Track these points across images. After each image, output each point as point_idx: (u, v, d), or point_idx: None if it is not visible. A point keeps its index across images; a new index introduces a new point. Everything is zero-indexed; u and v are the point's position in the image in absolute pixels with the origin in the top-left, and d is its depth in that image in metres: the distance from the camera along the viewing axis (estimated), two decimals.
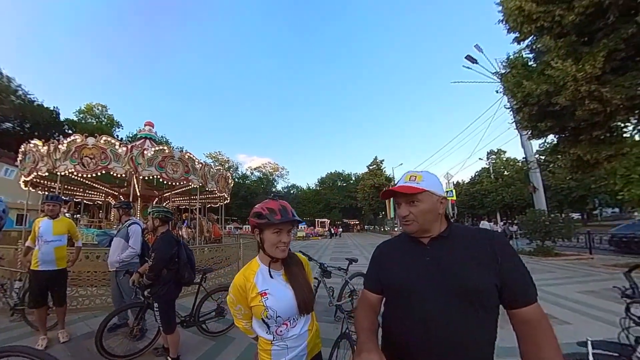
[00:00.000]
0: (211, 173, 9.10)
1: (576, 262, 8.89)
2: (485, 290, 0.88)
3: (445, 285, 0.91)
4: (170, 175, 7.28)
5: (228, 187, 10.99)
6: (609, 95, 6.21)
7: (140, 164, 6.87)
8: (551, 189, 27.35)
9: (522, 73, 8.24)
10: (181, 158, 7.58)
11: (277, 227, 1.18)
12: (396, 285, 1.02)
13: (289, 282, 1.23)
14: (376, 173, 42.05)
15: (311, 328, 1.28)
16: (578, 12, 6.18)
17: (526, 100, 8.03)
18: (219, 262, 6.77)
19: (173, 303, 2.73)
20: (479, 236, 0.98)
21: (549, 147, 9.83)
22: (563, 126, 8.04)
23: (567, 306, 4.42)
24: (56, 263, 3.23)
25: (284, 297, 1.19)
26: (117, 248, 3.48)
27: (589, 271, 7.31)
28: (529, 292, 0.89)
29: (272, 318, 1.16)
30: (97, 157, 6.65)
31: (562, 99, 6.82)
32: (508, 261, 0.91)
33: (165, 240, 2.67)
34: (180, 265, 2.74)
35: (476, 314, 0.88)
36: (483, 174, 39.53)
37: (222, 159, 50.38)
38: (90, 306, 4.44)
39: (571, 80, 6.49)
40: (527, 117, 8.43)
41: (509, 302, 0.90)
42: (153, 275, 2.57)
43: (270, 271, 1.23)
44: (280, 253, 1.21)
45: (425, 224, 0.98)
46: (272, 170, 55.03)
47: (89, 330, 3.58)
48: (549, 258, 9.58)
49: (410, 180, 1.00)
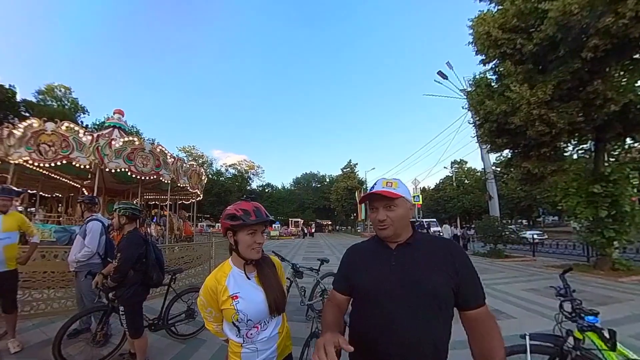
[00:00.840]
0: (184, 168, 8.60)
1: (522, 263, 9.84)
2: (444, 293, 0.96)
3: (408, 289, 0.96)
4: (139, 169, 6.72)
5: (201, 184, 10.48)
6: (555, 119, 6.97)
7: (106, 155, 6.25)
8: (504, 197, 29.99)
9: (485, 92, 8.94)
10: (152, 151, 7.03)
11: (251, 228, 1.16)
12: (363, 288, 1.06)
13: (261, 284, 1.22)
14: (350, 176, 42.89)
15: (281, 330, 1.27)
16: (535, 43, 6.85)
17: (487, 118, 8.71)
18: (190, 261, 6.43)
19: (140, 306, 2.53)
20: (440, 244, 1.06)
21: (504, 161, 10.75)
22: (516, 143, 8.86)
23: (513, 302, 4.88)
24: (5, 264, 2.84)
25: (255, 300, 1.18)
26: (75, 246, 3.18)
27: (532, 271, 8.10)
28: (480, 295, 0.98)
29: (242, 321, 1.15)
30: (57, 145, 5.90)
31: (517, 119, 7.51)
32: (464, 268, 0.99)
33: (132, 239, 2.46)
34: (148, 265, 2.54)
35: (436, 315, 0.95)
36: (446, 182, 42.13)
37: (196, 154, 47.92)
38: (46, 311, 3.93)
39: (525, 104, 7.18)
40: (487, 132, 9.14)
41: (462, 304, 0.98)
42: (119, 277, 2.36)
43: (243, 274, 1.22)
44: (255, 254, 1.19)
45: (399, 229, 1.03)
46: (247, 168, 53.51)
47: (46, 338, 3.18)
48: (500, 260, 10.50)
49: (387, 186, 1.04)
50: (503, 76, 8.18)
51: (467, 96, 10.86)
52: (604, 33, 5.73)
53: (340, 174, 45.48)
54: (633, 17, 5.31)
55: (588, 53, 6.08)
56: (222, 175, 50.12)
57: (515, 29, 7.42)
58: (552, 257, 10.96)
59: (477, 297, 0.98)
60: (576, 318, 1.86)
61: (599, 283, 6.40)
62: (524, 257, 10.89)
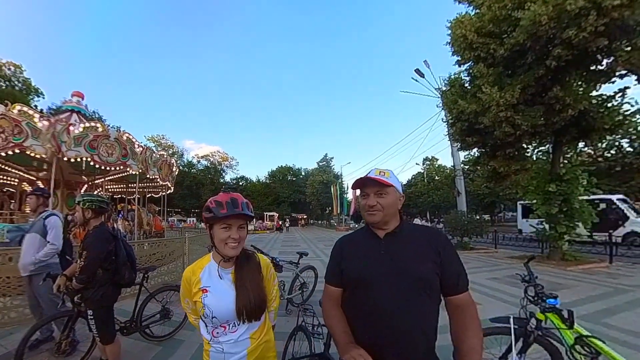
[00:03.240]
0: (153, 159, 8.00)
1: (485, 254, 10.68)
2: (431, 279, 1.00)
3: (397, 276, 1.00)
4: (104, 159, 6.12)
5: (172, 176, 9.85)
6: (520, 122, 7.55)
7: (64, 142, 5.59)
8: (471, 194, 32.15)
9: (459, 92, 9.40)
10: (118, 139, 6.43)
11: (224, 222, 1.09)
12: (354, 277, 1.09)
13: (235, 283, 1.14)
14: (325, 170, 43.24)
15: (257, 337, 1.17)
16: (507, 48, 7.33)
17: (459, 117, 9.18)
18: (162, 258, 6.04)
19: (111, 308, 2.32)
20: (425, 233, 1.12)
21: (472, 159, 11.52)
22: (485, 142, 9.47)
23: (478, 290, 5.29)
24: None
25: (224, 298, 1.11)
26: (31, 246, 2.80)
27: (494, 262, 8.83)
28: (462, 282, 1.05)
29: (208, 317, 1.09)
30: (7, 131, 5.15)
31: (486, 119, 8.02)
32: (447, 255, 1.05)
33: (100, 235, 2.21)
34: (118, 263, 2.31)
35: (424, 301, 1.00)
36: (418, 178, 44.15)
37: (166, 144, 45.11)
38: (3, 321, 3.51)
39: (495, 105, 7.67)
40: (458, 131, 9.66)
41: (446, 290, 1.04)
42: (86, 277, 2.12)
43: (220, 269, 1.15)
44: (230, 251, 1.11)
45: (387, 216, 1.07)
46: (221, 159, 51.56)
47: (5, 351, 2.84)
48: (466, 251, 11.29)
49: (380, 175, 1.09)
50: (476, 77, 8.64)
51: (442, 95, 11.36)
52: (567, 44, 6.28)
53: (316, 167, 45.62)
54: (592, 32, 5.87)
55: (552, 61, 6.63)
56: (194, 167, 47.84)
57: (489, 34, 7.85)
58: (511, 249, 12.04)
59: (459, 283, 1.03)
60: (539, 301, 2.07)
61: (551, 272, 7.11)
62: (487, 249, 11.84)
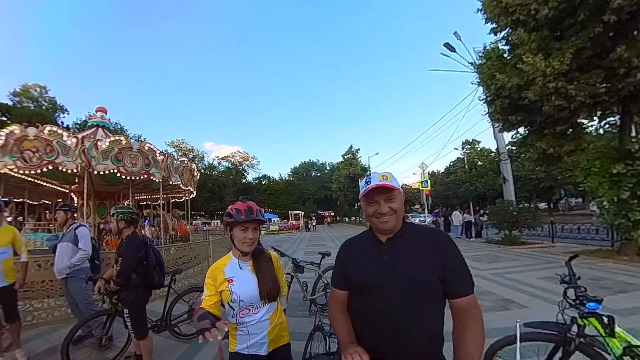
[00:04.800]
0: (174, 165, 8.75)
1: (539, 250, 10.02)
2: (433, 283, 1.06)
3: (399, 281, 1.07)
4: (128, 169, 6.90)
5: (194, 180, 10.65)
6: (574, 92, 6.89)
7: (94, 157, 6.41)
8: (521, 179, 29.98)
9: (497, 65, 8.84)
10: (140, 149, 7.19)
11: (242, 225, 1.47)
12: (357, 282, 1.18)
13: (255, 273, 1.51)
14: (351, 163, 42.83)
15: (274, 318, 1.53)
16: (552, 7, 6.66)
17: (499, 93, 8.65)
18: (188, 261, 6.69)
19: (144, 308, 2.76)
20: (426, 234, 1.17)
21: (519, 140, 10.75)
22: (531, 120, 8.84)
23: (526, 291, 5.05)
24: (5, 278, 3.04)
25: (248, 284, 1.47)
26: (64, 253, 3.42)
27: (549, 258, 8.26)
28: (465, 284, 1.09)
29: (235, 302, 1.43)
30: (40, 150, 6.08)
31: (531, 93, 7.46)
32: (450, 256, 1.10)
33: (133, 243, 2.67)
34: (149, 267, 2.77)
35: (427, 305, 1.06)
36: (457, 164, 42.00)
37: (186, 148, 47.98)
38: (48, 320, 4.25)
39: (540, 76, 7.11)
40: (499, 109, 9.10)
41: (448, 293, 1.09)
42: (122, 281, 2.58)
43: (240, 262, 1.53)
44: (247, 247, 1.50)
45: (397, 219, 1.14)
46: (241, 159, 53.53)
47: (50, 346, 3.47)
48: (515, 247, 10.69)
49: (384, 179, 1.14)
50: (516, 46, 8.06)
51: (477, 70, 10.75)
52: None
53: (341, 161, 45.41)
54: None
55: (611, 16, 5.93)
56: (215, 169, 50.33)
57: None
58: (572, 242, 10.91)
59: (462, 285, 1.08)
60: (578, 305, 1.98)
61: (621, 270, 6.41)
62: (542, 244, 11.05)
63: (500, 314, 4.03)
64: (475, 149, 41.94)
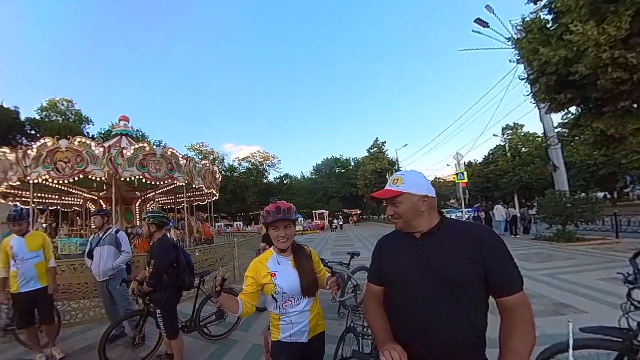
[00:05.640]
0: (197, 168, 9.23)
1: (600, 247, 9.23)
2: (469, 280, 1.06)
3: (432, 278, 1.09)
4: (153, 175, 7.43)
5: (216, 183, 11.16)
6: (635, 61, 6.31)
7: (120, 165, 6.99)
8: (575, 166, 27.74)
9: (539, 38, 8.30)
10: (163, 155, 7.73)
11: (273, 224, 1.66)
12: (390, 279, 1.24)
13: (296, 268, 1.69)
14: (378, 157, 42.29)
15: (313, 309, 1.72)
16: None
17: (543, 69, 8.13)
18: (213, 263, 7.07)
19: (175, 308, 3.01)
20: (466, 229, 1.18)
21: (570, 121, 9.97)
22: (585, 97, 8.19)
23: (585, 294, 4.72)
24: (39, 281, 3.37)
25: (290, 278, 1.65)
26: (107, 256, 3.78)
27: (613, 257, 7.59)
28: (511, 281, 1.07)
29: (279, 294, 1.62)
30: (72, 160, 6.76)
31: (582, 67, 6.93)
32: (492, 252, 1.08)
33: (164, 246, 2.94)
34: (179, 269, 3.03)
35: (461, 304, 1.05)
36: (498, 152, 39.64)
37: (206, 151, 50.10)
38: (84, 319, 4.78)
39: (592, 46, 6.58)
40: (544, 88, 8.56)
41: (493, 291, 1.08)
42: (154, 282, 2.83)
43: (279, 258, 1.72)
44: (282, 244, 1.68)
45: (409, 221, 1.19)
46: (262, 159, 54.83)
47: (87, 344, 3.90)
48: (570, 244, 9.95)
49: (393, 184, 1.22)
50: (561, 14, 7.52)
51: (516, 45, 10.14)
52: None
53: (366, 155, 44.99)
54: None
55: None
56: (236, 170, 51.98)
57: None
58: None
59: (508, 282, 1.06)
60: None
61: None
62: (604, 240, 10.15)
63: (553, 319, 3.80)
64: (518, 134, 39.32)
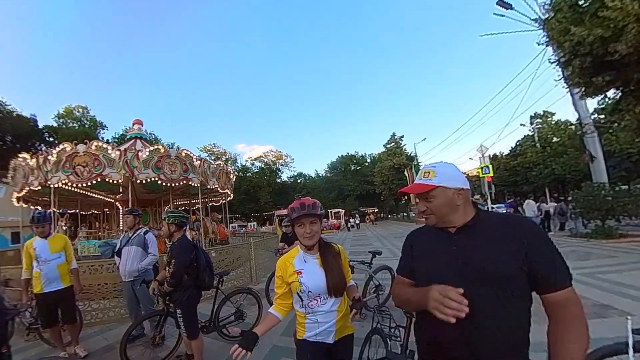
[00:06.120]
0: (211, 169, 9.47)
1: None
2: (510, 276, 1.01)
3: (469, 274, 1.05)
4: (168, 176, 7.69)
5: (230, 183, 11.42)
6: None
7: (136, 167, 7.28)
8: (615, 155, 26.22)
9: (570, 17, 7.90)
10: (178, 156, 7.99)
11: (298, 221, 1.66)
12: (424, 275, 1.19)
13: (323, 267, 1.68)
14: (395, 152, 41.73)
15: (340, 310, 1.70)
16: None
17: (576, 51, 7.78)
18: (230, 264, 7.25)
19: (195, 308, 3.08)
20: (506, 222, 1.12)
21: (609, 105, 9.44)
22: (625, 79, 7.75)
23: (630, 295, 4.46)
24: (61, 281, 3.60)
25: (316, 276, 1.65)
26: (135, 257, 3.94)
27: None
28: (557, 276, 1.01)
29: (304, 292, 1.64)
30: (90, 164, 7.13)
31: (622, 45, 6.57)
32: (535, 245, 1.03)
33: (184, 246, 3.02)
34: (199, 269, 3.11)
35: (501, 300, 1.01)
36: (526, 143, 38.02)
37: (218, 152, 51.26)
38: (104, 319, 5.02)
39: (634, 22, 6.20)
40: (578, 70, 8.20)
41: (538, 287, 1.03)
42: (175, 282, 2.92)
43: (306, 256, 1.72)
44: (307, 241, 1.68)
45: (443, 217, 1.14)
46: (275, 158, 55.45)
47: (107, 344, 4.10)
48: (611, 240, 9.43)
49: (424, 177, 1.16)
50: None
51: (544, 26, 9.69)
52: None
53: (383, 151, 44.52)
54: None
55: None
56: (249, 170, 52.82)
57: None
58: None
59: (554, 277, 1.01)
60: None
61: None
62: None
63: (595, 322, 3.61)
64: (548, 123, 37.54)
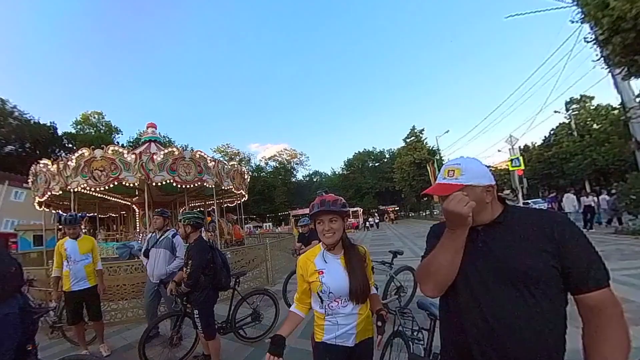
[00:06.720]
0: (225, 170, 9.75)
1: None
2: (541, 274, 0.98)
3: (497, 272, 1.03)
4: (183, 178, 8.01)
5: (245, 183, 11.68)
6: None
7: (151, 170, 7.64)
8: None
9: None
10: (192, 158, 8.30)
11: (317, 218, 1.67)
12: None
13: (347, 269, 1.66)
14: (416, 146, 41.03)
15: (362, 313, 1.68)
16: None
17: (617, 27, 7.40)
18: (246, 264, 7.47)
19: (213, 309, 3.20)
20: (538, 218, 1.08)
21: None
22: None
23: None
24: (88, 281, 3.95)
25: (338, 277, 1.64)
26: (161, 260, 4.12)
27: None
28: (595, 274, 0.96)
29: (325, 293, 1.62)
30: (107, 168, 7.57)
31: None
32: (569, 242, 1.00)
33: (200, 247, 3.15)
34: (216, 270, 3.23)
35: (538, 303, 0.97)
36: (561, 132, 36.11)
37: (232, 152, 52.35)
38: (122, 319, 5.35)
39: None
40: (620, 49, 7.78)
41: (572, 286, 0.99)
42: (192, 283, 3.04)
43: (327, 255, 1.71)
44: (327, 240, 1.66)
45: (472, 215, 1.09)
46: (289, 157, 56.00)
47: (126, 343, 4.36)
48: None
49: (449, 176, 1.12)
50: None
51: (578, 2, 9.21)
52: None
53: (403, 146, 43.91)
54: None
55: None
56: (263, 170, 53.61)
57: None
58: None
59: (590, 276, 0.96)
60: None
61: None
62: None
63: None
64: (586, 109, 35.34)
